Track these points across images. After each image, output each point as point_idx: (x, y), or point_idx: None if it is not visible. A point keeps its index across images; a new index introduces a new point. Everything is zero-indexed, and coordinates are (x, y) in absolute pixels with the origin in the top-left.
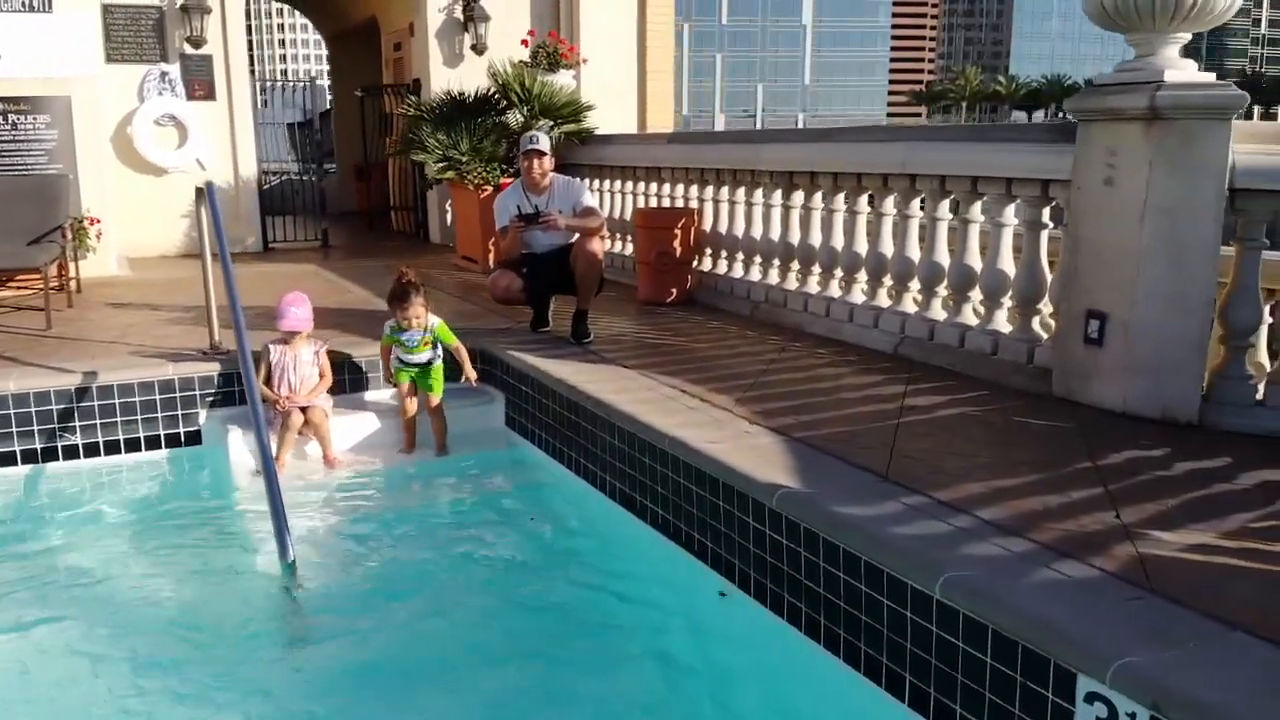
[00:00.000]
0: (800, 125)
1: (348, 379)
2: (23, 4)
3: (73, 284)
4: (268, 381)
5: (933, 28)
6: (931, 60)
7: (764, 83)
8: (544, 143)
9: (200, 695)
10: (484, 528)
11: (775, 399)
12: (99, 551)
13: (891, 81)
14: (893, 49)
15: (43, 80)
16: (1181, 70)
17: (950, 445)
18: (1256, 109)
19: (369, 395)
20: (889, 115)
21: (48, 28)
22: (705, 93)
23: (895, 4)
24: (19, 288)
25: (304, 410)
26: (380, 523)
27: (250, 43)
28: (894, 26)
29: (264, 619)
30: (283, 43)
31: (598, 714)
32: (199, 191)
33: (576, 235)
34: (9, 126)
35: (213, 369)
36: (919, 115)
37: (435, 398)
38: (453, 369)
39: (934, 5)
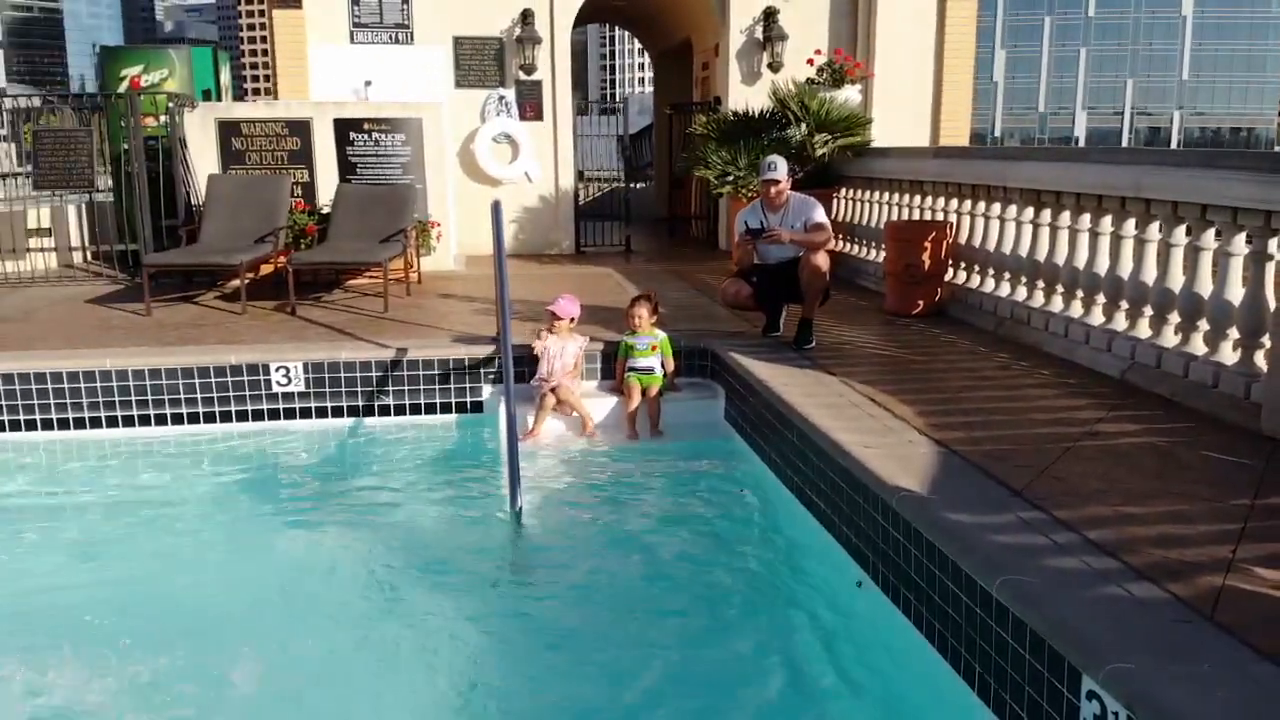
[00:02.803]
0: (1176, 123)
1: (600, 368)
2: (390, 38)
3: (414, 276)
4: (548, 364)
5: None
6: None
7: (1134, 78)
8: (780, 170)
9: (429, 606)
10: (685, 503)
11: (960, 413)
12: (390, 487)
13: None
14: None
15: (400, 104)
16: None
17: (1108, 472)
18: None
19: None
20: None
21: (409, 58)
22: (1068, 89)
23: None
24: (371, 278)
25: (554, 390)
26: (603, 488)
27: (611, 65)
28: None
29: (491, 554)
30: (643, 65)
31: (736, 661)
32: (492, 208)
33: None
34: (373, 143)
35: (495, 352)
36: None
37: (654, 389)
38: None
39: None
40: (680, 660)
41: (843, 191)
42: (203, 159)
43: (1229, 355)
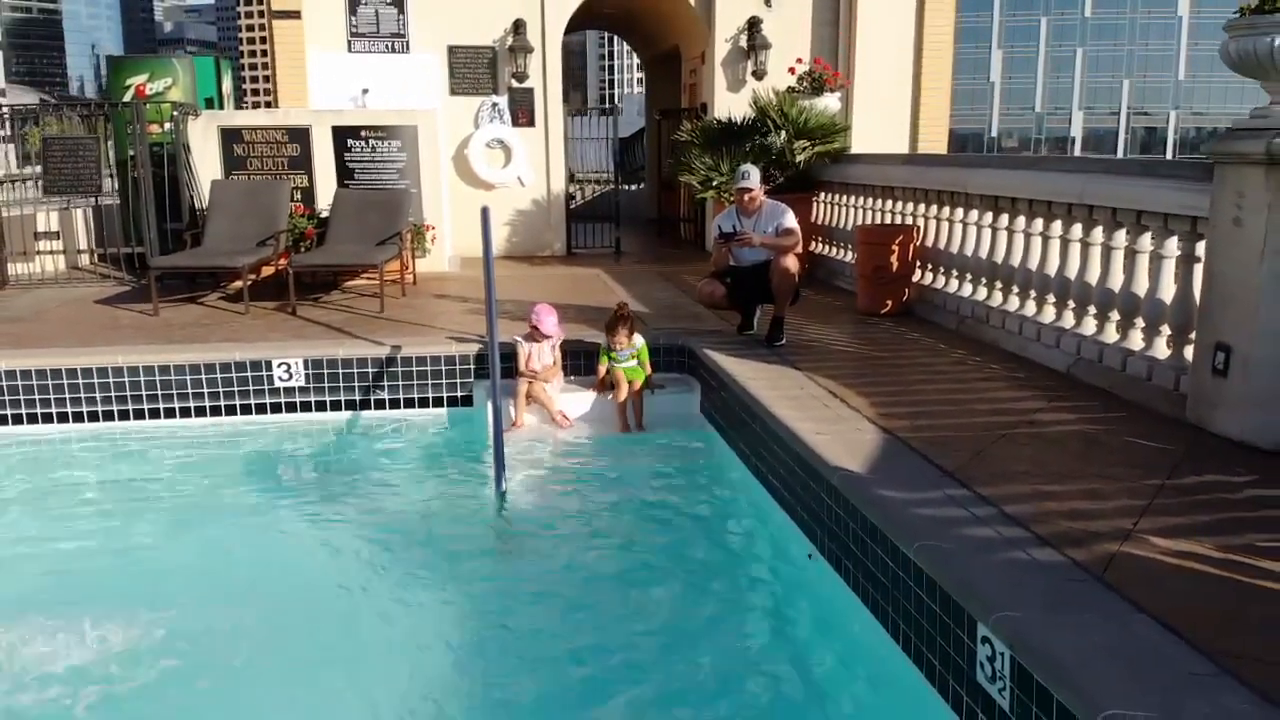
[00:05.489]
0: (1172, 123)
1: (583, 364)
2: (386, 47)
3: (410, 278)
4: (526, 363)
5: None
6: None
7: (1131, 78)
8: (753, 179)
9: (420, 580)
10: (659, 488)
11: (909, 404)
12: (384, 474)
13: None
14: None
15: (396, 111)
16: None
17: (1036, 455)
18: None
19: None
20: None
21: (405, 66)
22: (1064, 89)
23: None
24: (368, 279)
25: (530, 383)
26: (581, 475)
27: (610, 66)
28: None
29: (478, 532)
30: (641, 67)
31: (696, 623)
32: (481, 213)
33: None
34: (370, 149)
35: (484, 349)
36: None
37: (637, 383)
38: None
39: None
40: (648, 623)
41: (821, 196)
42: (206, 165)
43: (1162, 350)
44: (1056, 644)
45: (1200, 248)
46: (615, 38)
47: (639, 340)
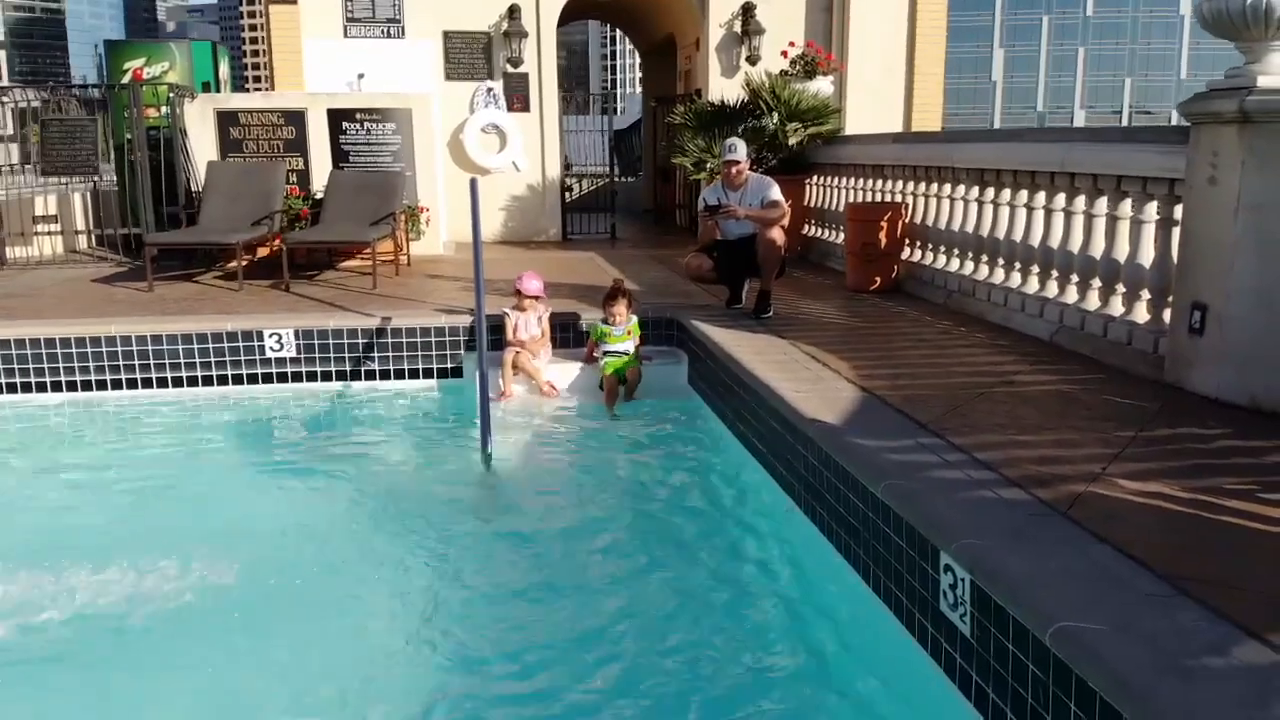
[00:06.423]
0: (1174, 122)
1: (572, 336)
2: (382, 31)
3: (403, 258)
4: (513, 334)
5: None
6: None
7: (1133, 77)
8: (739, 152)
9: (409, 536)
10: (644, 451)
11: (890, 367)
12: (374, 440)
13: None
14: None
15: (391, 95)
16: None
17: (1012, 411)
18: None
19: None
20: None
21: (400, 51)
22: (1066, 88)
23: None
24: (362, 259)
25: (517, 354)
26: (568, 439)
27: (612, 66)
28: None
29: (463, 494)
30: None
31: (680, 576)
32: (470, 184)
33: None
34: (365, 132)
35: (472, 322)
36: None
37: (633, 369)
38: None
39: None
40: (630, 577)
41: (814, 178)
42: (202, 147)
43: (1142, 315)
44: (1015, 567)
45: (1178, 211)
46: (617, 34)
47: (633, 318)
